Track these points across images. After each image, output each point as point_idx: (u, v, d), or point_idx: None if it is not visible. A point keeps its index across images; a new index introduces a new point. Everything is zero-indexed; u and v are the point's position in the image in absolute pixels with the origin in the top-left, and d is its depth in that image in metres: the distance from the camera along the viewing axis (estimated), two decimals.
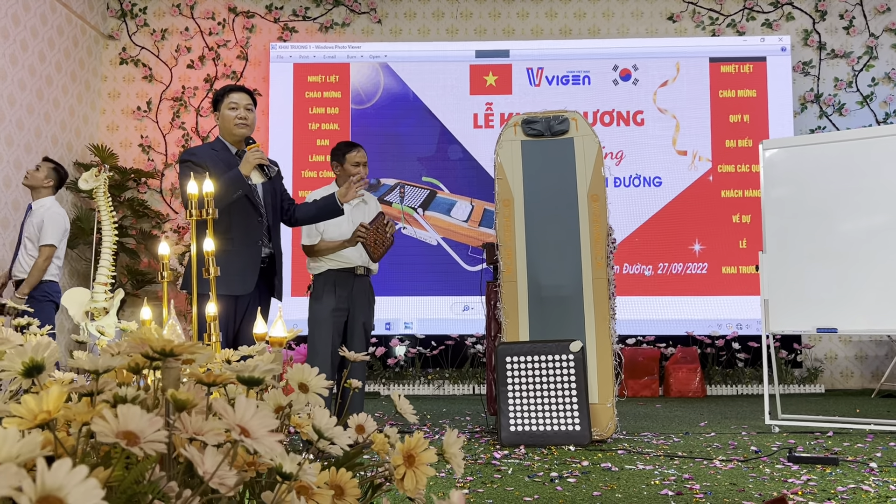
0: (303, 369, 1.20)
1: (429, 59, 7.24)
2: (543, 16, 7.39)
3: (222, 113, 3.56)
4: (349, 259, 4.10)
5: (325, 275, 4.11)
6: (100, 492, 0.49)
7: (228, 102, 3.55)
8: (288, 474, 0.86)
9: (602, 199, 4.30)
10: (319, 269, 4.14)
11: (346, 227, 4.09)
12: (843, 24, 7.19)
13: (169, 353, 0.85)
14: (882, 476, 3.03)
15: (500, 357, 4.10)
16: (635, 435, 4.29)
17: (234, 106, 3.54)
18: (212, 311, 1.95)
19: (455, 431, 1.21)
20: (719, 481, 2.98)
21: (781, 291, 4.47)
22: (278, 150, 7.18)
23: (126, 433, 0.69)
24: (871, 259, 4.26)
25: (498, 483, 2.99)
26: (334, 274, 4.11)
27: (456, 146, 7.18)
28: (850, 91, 7.15)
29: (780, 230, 4.51)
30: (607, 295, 4.22)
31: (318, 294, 4.10)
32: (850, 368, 6.96)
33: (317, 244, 4.12)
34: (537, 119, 4.39)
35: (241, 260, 3.42)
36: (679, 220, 7.03)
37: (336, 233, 4.10)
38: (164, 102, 7.31)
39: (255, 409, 0.77)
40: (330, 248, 4.09)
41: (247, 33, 7.39)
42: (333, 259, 4.12)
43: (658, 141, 7.12)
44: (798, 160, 4.53)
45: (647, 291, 6.96)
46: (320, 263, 4.14)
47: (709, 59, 7.13)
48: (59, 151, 6.51)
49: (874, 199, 4.29)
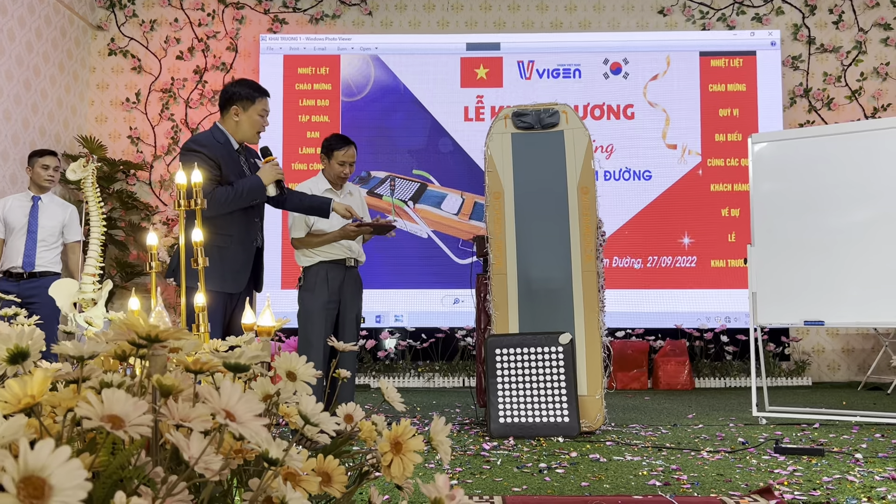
0: (291, 358, 1.20)
1: (420, 52, 7.23)
2: (534, 9, 7.38)
3: (249, 114, 3.52)
4: (340, 251, 4.13)
5: (316, 267, 4.12)
6: (83, 472, 0.50)
7: (261, 108, 3.55)
8: (274, 460, 0.86)
9: (592, 192, 4.31)
10: (310, 262, 4.14)
11: (336, 219, 4.10)
12: (832, 18, 7.22)
13: (155, 338, 0.85)
14: (867, 467, 3.06)
15: (489, 349, 4.11)
16: (624, 427, 4.31)
17: (264, 113, 3.57)
18: (200, 302, 1.95)
19: (442, 419, 1.21)
20: (706, 472, 3.00)
21: (769, 284, 4.50)
22: (268, 143, 7.12)
23: (111, 417, 0.69)
24: (858, 253, 4.29)
25: (487, 474, 3.00)
26: (326, 266, 4.12)
27: (446, 139, 7.17)
28: (840, 85, 7.18)
29: (769, 224, 4.54)
30: (597, 288, 4.24)
31: (310, 286, 4.11)
32: (837, 361, 7.01)
33: (306, 237, 4.13)
34: (528, 112, 4.39)
35: (239, 259, 3.44)
36: (668, 214, 7.06)
37: (325, 224, 4.12)
38: (154, 94, 7.27)
39: (241, 394, 0.78)
40: (322, 241, 4.10)
41: (237, 25, 7.35)
42: (324, 251, 4.13)
43: (648, 134, 7.13)
44: (787, 154, 4.55)
45: (637, 284, 6.98)
46: (311, 256, 4.15)
47: (699, 52, 7.15)
48: (47, 142, 6.47)
49: (862, 193, 4.31)
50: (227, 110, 3.55)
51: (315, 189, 4.16)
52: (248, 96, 3.51)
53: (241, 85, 3.59)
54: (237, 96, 3.52)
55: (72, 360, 1.10)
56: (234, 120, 3.52)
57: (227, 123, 3.55)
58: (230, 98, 3.53)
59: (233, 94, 3.54)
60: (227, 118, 3.55)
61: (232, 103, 3.52)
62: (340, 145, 4.19)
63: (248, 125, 3.49)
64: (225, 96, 3.57)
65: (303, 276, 4.17)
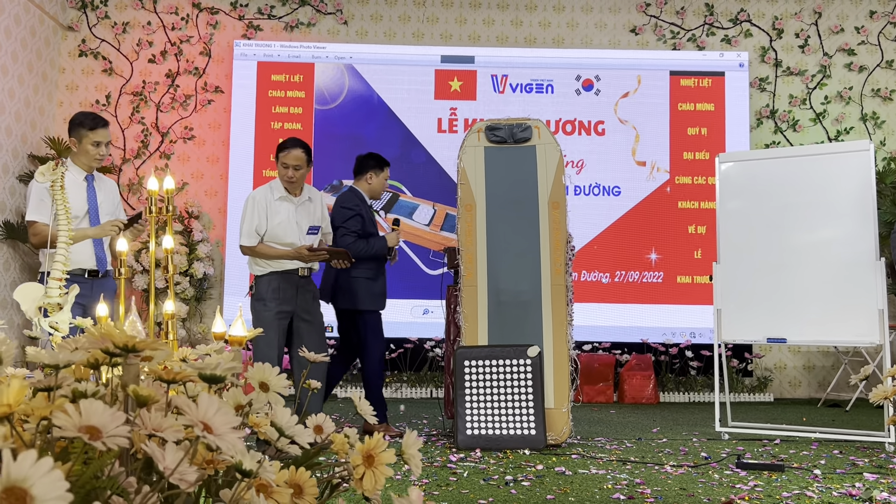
0: (264, 368, 1.20)
1: (394, 63, 7.25)
2: (509, 24, 7.45)
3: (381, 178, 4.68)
4: (291, 262, 4.07)
5: (268, 277, 4.06)
6: (64, 483, 0.50)
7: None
8: (248, 471, 0.87)
9: (562, 207, 4.36)
10: (262, 272, 4.08)
11: (292, 229, 4.07)
12: (798, 42, 7.39)
13: (131, 349, 0.85)
14: (825, 483, 3.12)
15: (458, 361, 4.12)
16: (589, 440, 4.35)
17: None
18: (169, 310, 1.94)
19: (414, 433, 1.23)
20: (670, 486, 3.04)
21: (734, 301, 4.58)
22: (240, 150, 7.11)
23: (88, 428, 0.69)
24: (819, 272, 4.38)
25: (453, 486, 3.01)
26: (278, 276, 4.05)
27: (419, 150, 7.20)
28: (804, 108, 7.35)
29: (734, 241, 4.62)
30: (565, 301, 4.28)
31: (261, 296, 4.04)
32: (798, 378, 7.14)
33: (256, 246, 4.06)
34: (501, 126, 4.43)
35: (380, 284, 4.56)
36: (636, 230, 7.14)
37: (280, 232, 4.04)
38: (124, 97, 7.20)
39: (218, 406, 0.78)
40: (271, 255, 4.04)
41: (210, 30, 7.31)
42: (276, 262, 4.07)
43: (618, 151, 7.23)
44: (752, 174, 4.64)
45: (604, 299, 7.05)
46: (263, 266, 4.08)
47: (669, 72, 7.27)
48: (12, 143, 6.37)
49: (825, 213, 4.42)
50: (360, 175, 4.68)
51: (269, 197, 4.07)
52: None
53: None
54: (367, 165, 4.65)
55: (42, 368, 1.09)
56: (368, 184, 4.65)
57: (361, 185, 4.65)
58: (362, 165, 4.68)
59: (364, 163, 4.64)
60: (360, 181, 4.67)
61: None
62: (284, 147, 4.11)
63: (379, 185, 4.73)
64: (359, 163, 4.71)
65: (255, 286, 4.11)
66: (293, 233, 4.07)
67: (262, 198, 4.07)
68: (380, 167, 4.65)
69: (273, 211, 4.06)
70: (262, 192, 4.12)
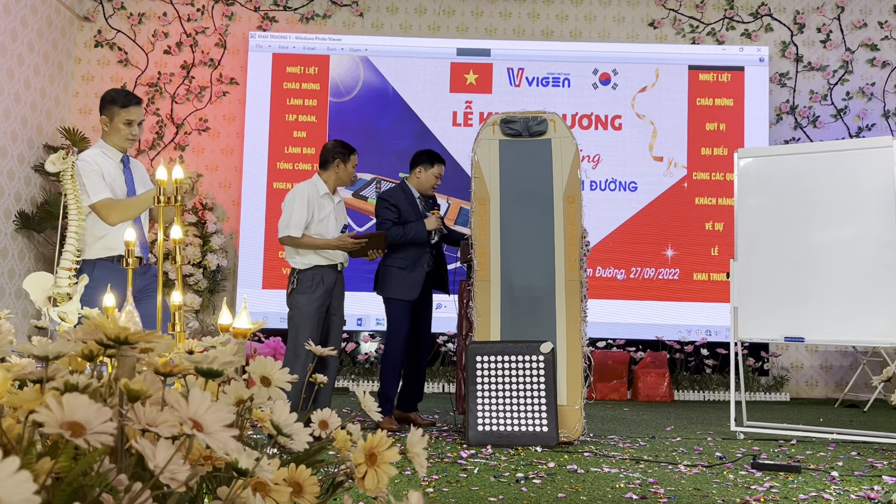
0: (266, 362, 1.17)
1: (409, 55, 7.21)
2: (526, 16, 7.38)
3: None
4: (334, 255, 4.20)
5: (312, 271, 4.16)
6: (31, 486, 0.47)
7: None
8: (244, 470, 0.83)
9: (577, 202, 4.30)
10: (307, 265, 4.17)
11: (332, 225, 4.23)
12: (820, 37, 7.27)
13: (124, 340, 0.82)
14: (843, 485, 3.06)
15: (470, 356, 4.08)
16: (602, 438, 4.30)
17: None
18: (177, 300, 1.91)
19: (419, 431, 1.19)
20: (683, 486, 2.99)
21: (751, 299, 4.50)
22: (254, 142, 7.10)
23: (71, 423, 0.66)
24: (838, 270, 4.30)
25: (463, 482, 2.98)
26: (322, 270, 4.17)
27: (434, 143, 7.14)
28: (825, 104, 7.24)
29: (752, 239, 4.55)
30: (579, 297, 4.23)
31: (305, 289, 4.14)
32: (815, 378, 7.05)
33: (302, 238, 4.15)
34: (516, 119, 4.37)
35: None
36: (653, 226, 7.07)
37: (323, 229, 4.18)
38: (139, 88, 7.19)
39: (210, 402, 0.74)
40: (318, 245, 4.16)
41: (226, 21, 7.29)
42: (320, 254, 4.17)
43: (635, 146, 7.15)
44: (772, 170, 4.56)
45: (619, 295, 6.99)
46: (307, 258, 4.16)
47: (688, 66, 7.18)
48: (28, 133, 6.38)
49: (845, 211, 4.34)
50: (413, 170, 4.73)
51: (315, 192, 4.23)
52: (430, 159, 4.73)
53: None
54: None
55: (37, 358, 1.06)
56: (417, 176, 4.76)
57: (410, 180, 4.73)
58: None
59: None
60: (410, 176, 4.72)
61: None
62: (354, 151, 4.38)
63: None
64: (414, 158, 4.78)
65: (297, 279, 4.18)
66: (333, 229, 4.24)
67: (310, 192, 4.20)
68: (430, 163, 4.74)
69: (318, 206, 4.21)
70: (307, 187, 4.24)
